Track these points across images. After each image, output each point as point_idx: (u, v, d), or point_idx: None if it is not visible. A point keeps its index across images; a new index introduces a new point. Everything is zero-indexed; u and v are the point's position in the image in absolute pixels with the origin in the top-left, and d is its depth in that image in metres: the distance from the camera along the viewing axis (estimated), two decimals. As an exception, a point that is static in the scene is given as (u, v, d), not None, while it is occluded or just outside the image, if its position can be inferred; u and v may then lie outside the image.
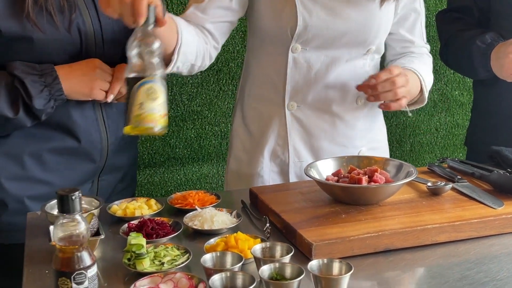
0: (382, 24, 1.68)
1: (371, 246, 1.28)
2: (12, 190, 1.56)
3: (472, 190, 1.51)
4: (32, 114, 1.49)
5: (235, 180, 1.82)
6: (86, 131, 1.60)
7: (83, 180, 1.65)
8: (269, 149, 1.75)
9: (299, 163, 1.73)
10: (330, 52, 1.66)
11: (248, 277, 1.08)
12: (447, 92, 2.63)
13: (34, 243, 1.35)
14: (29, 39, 1.46)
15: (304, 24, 1.60)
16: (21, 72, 1.46)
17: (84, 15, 1.54)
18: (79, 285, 1.04)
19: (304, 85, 1.68)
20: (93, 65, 1.55)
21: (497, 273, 1.20)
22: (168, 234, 1.34)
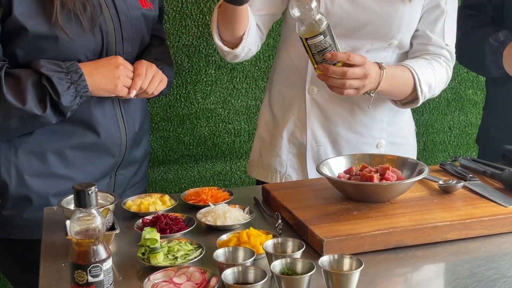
0: (404, 19, 1.68)
1: (381, 243, 1.29)
2: (35, 187, 1.59)
3: (483, 189, 1.52)
4: (58, 111, 1.52)
5: (257, 160, 1.88)
6: (106, 127, 1.64)
7: (102, 175, 1.69)
8: (288, 131, 1.80)
9: (317, 147, 1.77)
10: (351, 41, 1.68)
11: (260, 271, 1.10)
12: (460, 91, 2.63)
13: (50, 237, 1.38)
14: (54, 37, 1.50)
15: (326, 10, 1.63)
16: (47, 70, 1.49)
17: (105, 14, 1.57)
18: (95, 278, 1.06)
19: None
20: (116, 62, 1.58)
21: (508, 270, 1.21)
22: (182, 229, 1.37)
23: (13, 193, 1.57)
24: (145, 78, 1.61)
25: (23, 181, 1.56)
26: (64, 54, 1.52)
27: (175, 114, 2.35)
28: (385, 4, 1.65)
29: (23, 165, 1.56)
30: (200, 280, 1.12)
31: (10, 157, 1.55)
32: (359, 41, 1.68)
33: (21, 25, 1.46)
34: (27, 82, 1.47)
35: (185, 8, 2.25)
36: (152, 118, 2.32)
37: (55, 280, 1.20)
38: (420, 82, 1.68)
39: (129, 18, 1.62)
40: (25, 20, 1.46)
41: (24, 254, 1.63)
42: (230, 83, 2.36)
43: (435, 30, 1.76)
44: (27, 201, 1.58)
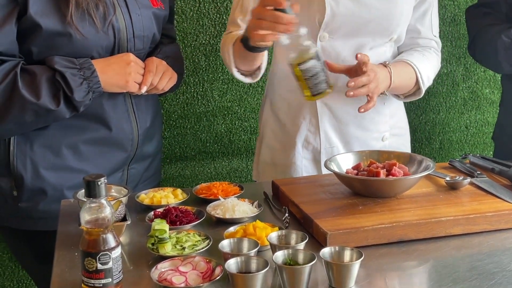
0: (404, 12, 1.73)
1: (385, 236, 1.32)
2: (50, 180, 1.64)
3: (490, 185, 1.53)
4: (72, 105, 1.57)
5: (269, 169, 1.90)
6: (118, 122, 1.69)
7: (115, 168, 1.74)
8: (301, 137, 1.82)
9: (330, 148, 1.80)
10: (356, 40, 1.72)
11: (262, 261, 1.13)
12: (477, 90, 2.63)
13: (66, 228, 1.43)
14: (68, 35, 1.55)
15: (332, 13, 1.66)
16: (61, 66, 1.55)
17: (117, 12, 1.63)
18: (104, 265, 1.11)
19: (332, 73, 1.72)
20: (128, 59, 1.63)
21: (508, 264, 1.23)
22: (191, 221, 1.41)
23: (29, 185, 1.63)
24: (155, 75, 1.66)
25: (38, 174, 1.62)
26: (78, 51, 1.57)
27: (192, 112, 2.39)
28: (386, 1, 1.70)
29: (38, 159, 1.62)
30: (205, 269, 1.16)
31: (26, 151, 1.61)
32: (363, 38, 1.72)
33: (36, 23, 1.52)
34: (42, 78, 1.53)
35: (202, 7, 2.30)
36: (169, 116, 2.37)
37: (68, 268, 1.25)
38: (421, 74, 1.74)
39: (140, 17, 1.67)
40: (39, 18, 1.52)
41: (40, 245, 1.69)
42: (246, 81, 2.40)
43: (424, 24, 1.83)
44: (42, 193, 1.64)
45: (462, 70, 2.60)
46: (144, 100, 1.76)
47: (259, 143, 1.95)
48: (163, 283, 1.13)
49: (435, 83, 2.59)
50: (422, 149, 2.66)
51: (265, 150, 1.91)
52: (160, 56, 1.75)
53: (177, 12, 2.27)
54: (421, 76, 1.74)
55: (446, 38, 2.55)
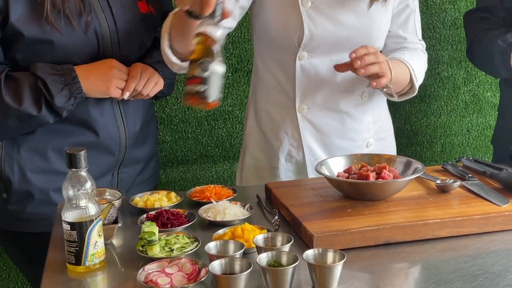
0: (382, 26, 1.76)
1: (371, 239, 1.33)
2: (37, 183, 1.68)
3: (480, 188, 1.54)
4: (53, 111, 1.61)
5: (253, 178, 1.90)
6: (105, 126, 1.72)
7: (103, 172, 1.76)
8: (283, 151, 1.83)
9: (315, 161, 1.79)
10: (335, 56, 1.71)
11: (246, 263, 1.16)
12: (479, 94, 2.63)
13: (60, 229, 1.46)
14: (50, 41, 1.59)
15: (310, 34, 1.68)
16: (43, 73, 1.59)
17: (101, 18, 1.65)
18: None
19: (312, 89, 1.76)
20: (110, 64, 1.66)
21: (492, 266, 1.24)
22: (183, 224, 1.43)
23: (16, 188, 1.67)
24: (139, 80, 1.68)
25: (25, 177, 1.66)
26: (61, 58, 1.61)
27: (194, 116, 2.42)
28: (364, 17, 1.70)
29: (25, 162, 1.66)
30: (191, 271, 1.18)
31: (13, 154, 1.66)
32: (342, 54, 1.69)
33: (18, 31, 1.56)
34: (24, 84, 1.57)
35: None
36: (171, 120, 2.41)
37: (59, 269, 1.28)
38: (415, 71, 1.76)
39: (126, 23, 1.69)
40: (21, 25, 1.56)
41: (29, 246, 1.72)
42: (247, 85, 2.43)
43: (408, 30, 1.84)
44: (30, 196, 1.67)
45: (463, 74, 2.61)
46: (133, 105, 1.78)
47: (243, 151, 1.96)
48: (149, 284, 1.15)
49: (436, 87, 2.60)
50: (424, 153, 2.66)
51: (249, 159, 1.91)
52: (150, 61, 1.76)
53: (178, 17, 2.30)
54: (414, 73, 1.75)
55: (446, 41, 2.56)
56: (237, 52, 2.37)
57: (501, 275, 1.20)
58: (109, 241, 1.38)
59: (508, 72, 1.95)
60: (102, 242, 1.27)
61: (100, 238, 1.26)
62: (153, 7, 1.78)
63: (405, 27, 1.82)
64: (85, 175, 1.24)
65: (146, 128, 1.85)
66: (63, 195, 1.25)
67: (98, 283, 1.25)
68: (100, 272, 1.26)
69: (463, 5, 2.53)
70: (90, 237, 1.23)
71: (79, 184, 1.23)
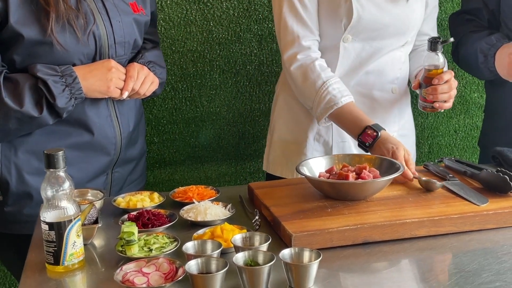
0: (418, 17, 1.88)
1: (350, 238, 1.34)
2: (34, 184, 1.68)
3: (461, 188, 1.55)
4: (54, 112, 1.61)
5: (280, 159, 1.96)
6: (101, 127, 1.73)
7: (99, 172, 1.77)
8: (313, 129, 1.89)
9: (342, 143, 1.87)
10: (375, 43, 1.83)
11: (222, 262, 1.16)
12: (465, 94, 2.64)
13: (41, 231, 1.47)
14: (49, 44, 1.59)
15: (358, 17, 1.77)
16: (43, 74, 1.59)
17: (97, 19, 1.67)
18: None
19: (349, 71, 1.85)
20: (109, 65, 1.68)
21: (467, 265, 1.25)
22: (163, 224, 1.44)
23: (13, 190, 1.67)
24: (137, 80, 1.70)
25: (22, 179, 1.66)
26: (59, 59, 1.61)
27: (181, 117, 2.43)
28: (403, 7, 1.82)
29: (22, 164, 1.66)
30: (168, 270, 1.19)
31: (11, 156, 1.66)
32: (382, 41, 1.83)
33: (17, 33, 1.56)
34: (25, 86, 1.57)
35: (189, 14, 2.33)
36: (158, 121, 2.41)
37: (38, 269, 1.28)
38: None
39: (121, 23, 1.71)
40: (20, 27, 1.56)
41: (26, 249, 1.72)
42: (234, 87, 2.43)
43: (434, 29, 2.01)
44: (27, 198, 1.68)
45: (450, 75, 2.61)
46: (127, 105, 1.80)
47: (270, 135, 2.02)
48: (126, 284, 1.16)
49: (423, 88, 2.61)
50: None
51: (277, 141, 1.98)
52: (142, 61, 1.79)
53: (164, 19, 2.31)
54: None
55: (433, 43, 2.56)
56: (224, 54, 2.38)
57: (477, 273, 1.21)
58: (89, 241, 1.39)
59: (491, 74, 1.97)
60: (81, 242, 1.27)
61: (79, 238, 1.27)
62: (143, 8, 1.81)
63: (433, 27, 1.99)
64: (63, 176, 1.25)
65: (137, 127, 1.87)
66: (42, 196, 1.25)
67: (77, 283, 1.26)
68: (79, 272, 1.27)
69: (449, 6, 2.54)
70: (68, 237, 1.24)
71: (58, 184, 1.24)
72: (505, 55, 1.87)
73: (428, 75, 1.78)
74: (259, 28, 2.38)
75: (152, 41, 1.94)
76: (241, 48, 2.40)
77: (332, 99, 1.72)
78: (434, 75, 1.77)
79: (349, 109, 1.73)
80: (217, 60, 2.39)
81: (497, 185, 1.52)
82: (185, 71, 2.38)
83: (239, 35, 2.38)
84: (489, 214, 1.41)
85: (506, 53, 1.86)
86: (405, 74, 1.96)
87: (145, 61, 1.80)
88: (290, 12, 1.78)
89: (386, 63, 1.87)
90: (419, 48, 1.99)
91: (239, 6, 2.34)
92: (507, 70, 1.86)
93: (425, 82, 1.79)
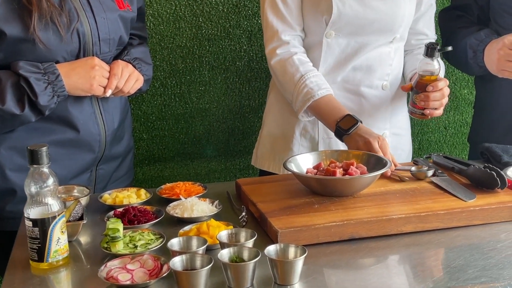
0: (406, 14, 1.84)
1: (336, 234, 1.34)
2: (17, 181, 1.67)
3: (448, 183, 1.55)
4: (37, 110, 1.60)
5: (268, 155, 1.96)
6: (85, 124, 1.72)
7: (83, 169, 1.76)
8: (299, 125, 1.88)
9: (328, 139, 1.86)
10: (360, 38, 1.81)
11: (207, 258, 1.16)
12: (455, 91, 2.64)
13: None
14: (32, 41, 1.58)
15: (338, 12, 1.75)
16: (25, 71, 1.58)
17: (82, 16, 1.65)
18: None
19: (335, 67, 1.83)
20: (92, 62, 1.66)
21: (453, 261, 1.24)
22: (150, 221, 1.43)
23: None
24: (121, 78, 1.69)
25: (5, 176, 1.65)
26: (43, 56, 1.60)
27: (171, 114, 2.42)
28: (390, 2, 1.79)
29: (5, 161, 1.65)
30: (153, 267, 1.19)
31: None
32: (367, 37, 1.81)
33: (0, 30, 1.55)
34: (6, 83, 1.56)
35: (178, 10, 2.32)
36: (147, 117, 2.40)
37: (22, 266, 1.27)
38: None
39: (106, 20, 1.70)
40: (3, 25, 1.54)
41: (10, 246, 1.71)
42: (223, 83, 2.43)
43: (430, 27, 1.97)
44: (10, 194, 1.66)
45: (440, 71, 2.61)
46: (111, 102, 1.79)
47: (261, 130, 2.03)
48: (110, 281, 1.15)
49: (413, 84, 2.61)
50: (401, 150, 2.67)
51: (266, 136, 1.98)
52: (128, 58, 1.78)
53: (153, 15, 2.30)
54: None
55: (423, 39, 2.56)
56: (213, 50, 2.37)
57: (462, 269, 1.21)
58: (74, 238, 1.38)
59: (481, 70, 1.96)
60: (65, 239, 1.27)
61: (63, 234, 1.26)
62: (129, 4, 1.80)
63: (429, 25, 1.96)
64: (47, 172, 1.24)
65: (123, 124, 1.86)
66: (25, 192, 1.24)
67: (61, 279, 1.25)
68: (63, 269, 1.26)
69: (439, 3, 2.53)
70: (52, 234, 1.23)
71: (41, 180, 1.23)
72: (494, 50, 1.86)
73: (421, 81, 1.76)
74: (248, 24, 2.37)
75: (140, 37, 1.93)
76: (231, 44, 2.39)
77: (309, 91, 1.72)
78: (428, 81, 1.75)
79: (327, 101, 1.73)
80: (206, 56, 2.38)
81: (484, 181, 1.52)
82: (174, 67, 2.37)
83: (228, 31, 2.37)
84: (476, 210, 1.41)
85: (495, 48, 1.86)
86: (398, 71, 1.94)
87: (131, 58, 1.78)
88: (271, 7, 1.80)
89: (374, 59, 1.85)
90: (416, 51, 1.96)
91: (229, 2, 2.33)
92: (496, 66, 1.86)
93: (417, 87, 1.76)
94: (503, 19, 1.98)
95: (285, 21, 1.79)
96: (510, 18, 1.94)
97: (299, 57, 1.78)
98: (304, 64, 1.78)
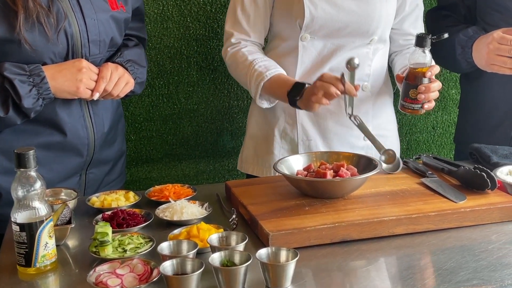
0: (382, 16, 1.81)
1: (327, 237, 1.33)
2: (4, 184, 1.64)
3: (439, 185, 1.55)
4: (21, 112, 1.57)
5: (252, 158, 1.96)
6: (73, 127, 1.69)
7: (71, 173, 1.74)
8: (279, 127, 1.89)
9: (307, 141, 1.86)
10: (336, 40, 1.81)
11: (198, 262, 1.15)
12: (443, 91, 2.64)
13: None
14: (18, 42, 1.55)
15: (311, 16, 1.75)
16: (10, 73, 1.55)
17: (70, 17, 1.62)
18: None
19: (312, 68, 1.83)
20: (80, 65, 1.63)
21: (445, 263, 1.24)
22: (139, 224, 1.42)
23: None
24: (109, 81, 1.65)
25: None
26: (29, 57, 1.57)
27: (158, 114, 2.40)
28: (364, 4, 1.78)
29: None
30: (143, 272, 1.17)
31: None
32: (343, 39, 1.80)
33: None
34: None
35: (166, 10, 2.30)
36: (135, 118, 2.38)
37: (9, 271, 1.25)
38: None
39: (96, 21, 1.67)
40: None
41: None
42: (212, 83, 2.41)
43: (417, 27, 1.95)
44: None
45: (428, 71, 2.61)
46: (102, 105, 1.76)
47: (245, 134, 2.03)
48: (99, 286, 1.13)
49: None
50: (390, 150, 2.67)
51: (249, 140, 1.98)
52: (120, 60, 1.74)
53: (141, 15, 2.28)
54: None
55: (411, 39, 2.56)
56: (201, 50, 2.35)
57: (454, 271, 1.20)
58: (62, 242, 1.36)
59: (469, 66, 1.97)
60: (53, 243, 1.25)
61: (51, 239, 1.24)
62: (124, 4, 1.76)
63: (415, 25, 1.94)
64: (34, 175, 1.22)
65: (115, 128, 1.83)
66: (12, 196, 1.22)
67: (49, 285, 1.23)
68: (51, 274, 1.24)
69: (426, 3, 2.53)
70: (40, 238, 1.21)
71: (29, 184, 1.21)
72: (483, 45, 1.87)
73: (414, 73, 1.70)
74: (236, 24, 2.36)
75: (138, 37, 1.90)
76: (219, 45, 2.37)
77: (259, 74, 1.74)
78: (419, 74, 1.70)
79: (276, 78, 1.75)
80: (194, 56, 2.37)
81: (474, 182, 1.52)
82: (162, 68, 2.35)
83: (216, 31, 2.35)
84: (467, 211, 1.41)
85: (484, 43, 1.86)
86: (379, 71, 1.91)
87: (124, 60, 1.75)
88: (231, 13, 1.86)
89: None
90: (405, 51, 1.96)
91: (216, 2, 2.32)
92: (486, 60, 1.86)
93: (410, 80, 1.70)
94: (490, 16, 1.99)
95: (240, 28, 1.84)
96: (496, 15, 1.95)
97: (248, 49, 1.82)
98: (253, 53, 1.81)
